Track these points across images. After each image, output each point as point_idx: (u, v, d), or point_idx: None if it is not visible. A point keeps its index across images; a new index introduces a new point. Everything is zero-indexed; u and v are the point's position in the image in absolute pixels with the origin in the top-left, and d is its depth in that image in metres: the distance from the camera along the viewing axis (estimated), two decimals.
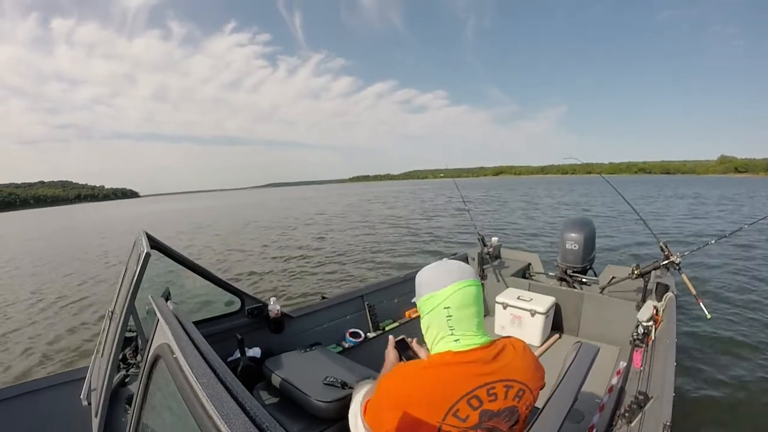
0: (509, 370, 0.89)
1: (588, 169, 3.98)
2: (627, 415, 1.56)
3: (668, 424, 1.25)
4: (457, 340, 0.88)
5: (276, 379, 1.70)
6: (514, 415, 0.91)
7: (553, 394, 1.03)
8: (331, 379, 1.61)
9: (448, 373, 0.86)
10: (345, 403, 1.53)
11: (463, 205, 3.87)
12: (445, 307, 0.90)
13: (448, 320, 0.90)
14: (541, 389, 0.96)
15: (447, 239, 10.62)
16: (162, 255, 1.62)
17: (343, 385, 1.59)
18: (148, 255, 1.22)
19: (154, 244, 1.51)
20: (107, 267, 9.52)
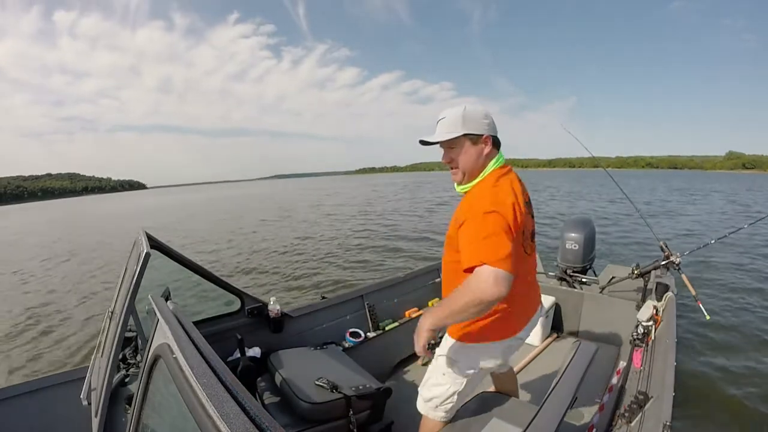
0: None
1: (594, 162, 3.99)
2: (627, 414, 1.56)
3: (668, 424, 1.25)
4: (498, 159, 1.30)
5: (275, 374, 1.71)
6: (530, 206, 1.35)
7: (551, 392, 1.03)
8: (323, 381, 1.60)
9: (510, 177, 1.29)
10: (329, 407, 1.52)
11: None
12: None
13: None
14: None
15: None
16: (162, 255, 1.63)
17: (333, 388, 1.57)
18: (148, 255, 1.22)
19: (154, 243, 1.51)
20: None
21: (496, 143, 1.28)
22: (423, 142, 1.29)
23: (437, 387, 1.38)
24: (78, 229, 18.92)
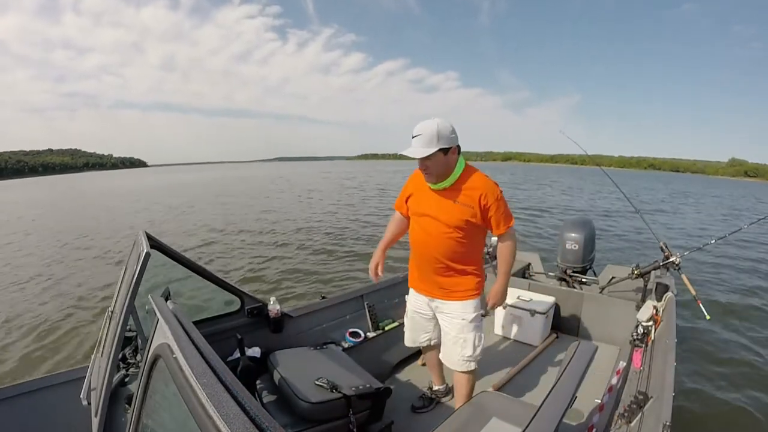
0: None
1: (596, 161, 4.01)
2: (627, 415, 1.56)
3: (668, 424, 1.25)
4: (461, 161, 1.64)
5: (275, 374, 1.71)
6: None
7: (551, 392, 1.03)
8: (323, 381, 1.59)
9: None
10: (329, 407, 1.52)
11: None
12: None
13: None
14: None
15: None
16: (162, 255, 1.63)
17: (333, 387, 1.56)
18: (147, 255, 1.22)
19: (154, 243, 1.52)
20: None
21: (458, 149, 1.61)
22: (402, 156, 1.57)
23: (475, 338, 1.76)
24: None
